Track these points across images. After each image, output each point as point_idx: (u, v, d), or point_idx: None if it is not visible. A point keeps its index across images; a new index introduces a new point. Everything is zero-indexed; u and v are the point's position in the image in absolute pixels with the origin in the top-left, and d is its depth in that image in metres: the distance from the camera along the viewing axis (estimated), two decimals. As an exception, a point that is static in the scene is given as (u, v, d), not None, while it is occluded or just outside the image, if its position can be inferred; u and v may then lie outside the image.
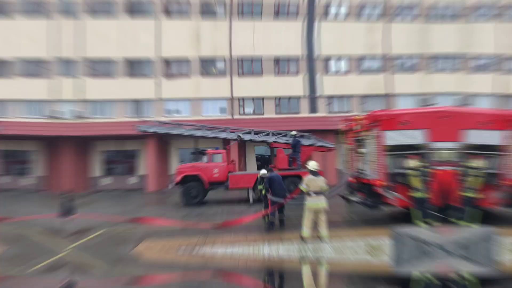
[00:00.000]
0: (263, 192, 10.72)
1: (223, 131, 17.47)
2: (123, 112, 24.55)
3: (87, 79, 24.59)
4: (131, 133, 22.93)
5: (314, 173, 8.15)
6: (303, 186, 7.93)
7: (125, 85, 24.65)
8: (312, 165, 8.31)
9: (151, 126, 17.42)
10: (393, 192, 9.26)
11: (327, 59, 25.89)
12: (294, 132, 16.38)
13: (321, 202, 7.85)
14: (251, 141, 17.66)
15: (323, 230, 7.87)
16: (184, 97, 25.04)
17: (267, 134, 17.24)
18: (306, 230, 7.89)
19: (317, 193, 7.86)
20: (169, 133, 17.62)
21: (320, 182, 7.99)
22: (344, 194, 11.47)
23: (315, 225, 7.97)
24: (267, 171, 10.89)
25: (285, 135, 17.18)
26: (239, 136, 16.83)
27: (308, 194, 7.86)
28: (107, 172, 25.36)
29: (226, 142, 23.98)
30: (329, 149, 17.44)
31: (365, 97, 25.83)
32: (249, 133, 17.34)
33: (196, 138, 19.46)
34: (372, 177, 9.68)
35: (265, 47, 25.33)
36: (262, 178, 11.10)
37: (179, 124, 17.42)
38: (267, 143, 17.24)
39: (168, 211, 13.90)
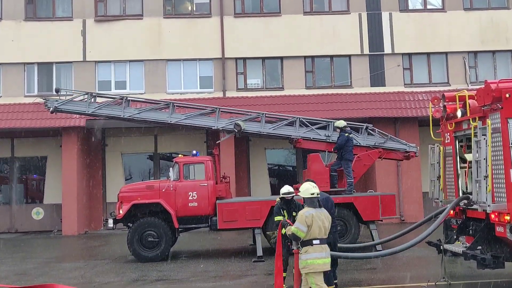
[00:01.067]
0: (282, 230, 10.44)
1: (209, 113, 17.60)
2: (18, 87, 24.81)
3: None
4: (34, 126, 23.18)
5: (313, 202, 8.30)
6: (298, 229, 8.07)
7: (23, 35, 24.90)
8: (306, 189, 8.42)
9: (73, 102, 17.61)
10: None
11: (402, -16, 25.89)
12: (342, 123, 16.37)
13: (328, 257, 8.21)
14: (259, 135, 17.64)
15: None
16: (133, 58, 25.22)
17: (291, 124, 17.32)
18: None
19: (322, 240, 8.15)
20: (106, 115, 17.75)
21: (325, 219, 8.27)
22: (437, 239, 11.42)
23: None
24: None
25: (324, 127, 17.18)
26: (237, 124, 16.86)
27: (309, 243, 8.09)
28: (-9, 198, 25.68)
29: (213, 138, 24.05)
30: (407, 156, 17.34)
31: (474, 56, 25.72)
32: (257, 120, 17.44)
33: (157, 125, 19.48)
34: (491, 208, 9.61)
35: (284, -38, 25.45)
36: (286, 200, 10.88)
37: (125, 99, 17.50)
38: (290, 139, 17.22)
39: (103, 272, 13.88)
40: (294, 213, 10.80)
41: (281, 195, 10.94)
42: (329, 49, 25.31)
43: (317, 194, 8.44)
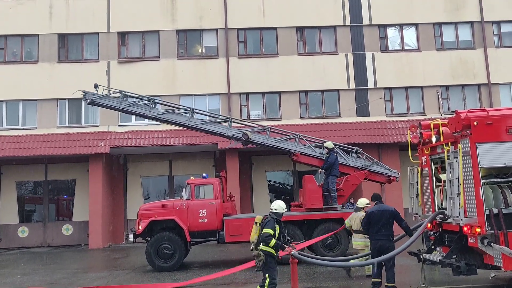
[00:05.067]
0: (270, 243, 9.18)
1: (223, 122, 17.55)
2: (51, 119, 24.90)
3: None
4: (65, 153, 23.26)
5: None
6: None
7: (56, 75, 25.12)
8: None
9: (108, 98, 17.61)
10: (499, 246, 9.11)
11: (383, 28, 26.16)
12: (331, 144, 16.31)
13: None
14: (264, 146, 17.46)
15: None
16: (150, 94, 25.19)
17: (291, 140, 17.15)
18: None
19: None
20: (134, 112, 17.77)
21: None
22: (417, 249, 11.34)
23: None
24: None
25: (319, 146, 17.09)
26: (245, 134, 16.80)
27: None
28: (26, 217, 25.58)
29: (220, 163, 24.06)
30: (389, 179, 17.02)
31: (446, 89, 25.84)
32: (263, 133, 17.30)
33: (176, 126, 19.33)
34: (463, 222, 9.59)
35: (281, 13, 25.79)
36: (274, 218, 9.35)
37: (152, 101, 17.47)
38: (289, 153, 17.06)
39: (125, 280, 13.83)
40: (277, 227, 9.49)
41: (282, 211, 9.63)
42: (320, 85, 25.45)
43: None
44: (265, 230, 9.27)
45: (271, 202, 24.65)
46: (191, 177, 16.85)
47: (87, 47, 25.93)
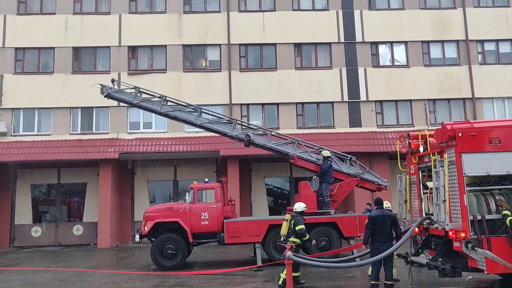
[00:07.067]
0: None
1: (227, 123, 17.50)
2: (65, 127, 24.87)
3: (9, 76, 25.22)
4: (77, 158, 23.22)
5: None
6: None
7: (70, 85, 25.12)
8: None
9: (123, 92, 17.64)
10: (483, 250, 9.08)
11: (375, 45, 26.21)
12: (327, 153, 16.27)
13: None
14: (264, 147, 17.32)
15: None
16: (158, 103, 25.31)
17: (290, 144, 17.04)
18: None
19: None
20: (146, 108, 17.67)
21: None
22: (405, 252, 11.30)
23: None
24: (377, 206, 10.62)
25: (316, 152, 17.00)
26: (247, 135, 16.73)
27: None
28: (40, 218, 25.49)
29: (221, 169, 24.01)
30: (379, 187, 16.92)
31: (433, 102, 25.87)
32: (264, 136, 17.22)
33: (184, 124, 19.32)
34: (448, 227, 9.57)
35: (280, 30, 25.86)
36: (296, 217, 11.78)
37: (164, 98, 17.42)
38: (287, 156, 16.96)
39: (129, 279, 13.81)
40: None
41: (295, 211, 12.11)
42: (315, 97, 25.45)
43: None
44: (301, 227, 11.67)
45: (269, 206, 24.92)
46: (194, 182, 16.82)
47: (99, 60, 25.95)
